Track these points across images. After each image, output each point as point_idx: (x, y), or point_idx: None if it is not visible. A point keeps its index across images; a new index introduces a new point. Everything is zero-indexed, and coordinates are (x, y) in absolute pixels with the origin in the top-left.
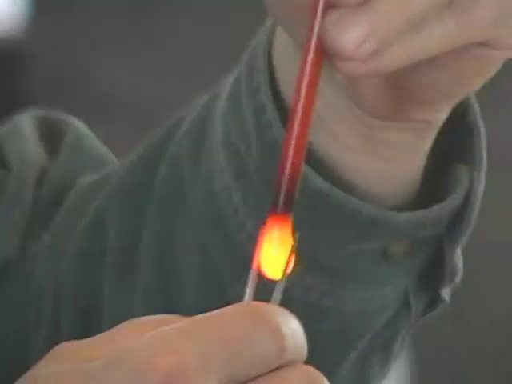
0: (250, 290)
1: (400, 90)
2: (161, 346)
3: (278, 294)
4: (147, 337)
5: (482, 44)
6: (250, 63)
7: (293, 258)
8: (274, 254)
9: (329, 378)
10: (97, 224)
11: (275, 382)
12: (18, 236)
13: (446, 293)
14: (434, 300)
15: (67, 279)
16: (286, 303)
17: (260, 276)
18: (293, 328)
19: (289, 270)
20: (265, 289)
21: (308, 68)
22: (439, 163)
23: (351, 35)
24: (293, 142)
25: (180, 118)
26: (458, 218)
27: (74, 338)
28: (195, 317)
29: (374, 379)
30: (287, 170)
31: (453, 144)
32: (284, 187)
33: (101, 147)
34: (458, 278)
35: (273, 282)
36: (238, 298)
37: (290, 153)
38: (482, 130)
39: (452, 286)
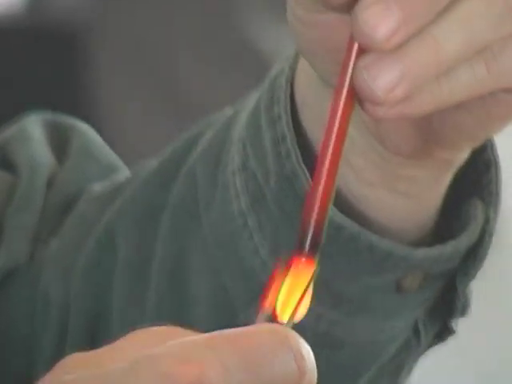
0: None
1: (424, 131)
2: (185, 356)
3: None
4: (170, 345)
5: (509, 90)
6: (271, 92)
7: (307, 300)
8: (290, 296)
9: None
10: (107, 236)
11: None
12: (27, 241)
13: (455, 324)
14: (443, 330)
15: (76, 292)
16: (296, 331)
17: (270, 317)
18: (310, 353)
19: (299, 313)
20: None
21: (339, 112)
22: (454, 197)
23: (383, 80)
24: (321, 185)
25: (197, 133)
26: (473, 253)
27: (81, 350)
28: (220, 331)
29: None
30: (314, 214)
31: (469, 179)
32: (310, 231)
33: (110, 154)
34: (469, 311)
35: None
36: (249, 324)
37: (318, 196)
38: (499, 167)
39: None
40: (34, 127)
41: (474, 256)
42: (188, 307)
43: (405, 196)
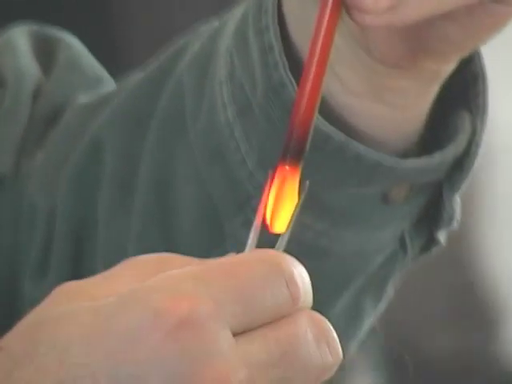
0: (252, 240)
1: (412, 40)
2: (175, 291)
3: (281, 246)
4: (160, 279)
5: (496, 0)
6: (259, 3)
7: (298, 209)
8: (281, 206)
9: (324, 313)
10: (94, 146)
11: (286, 328)
12: (13, 152)
13: (441, 235)
14: (430, 242)
15: (62, 201)
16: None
17: (263, 229)
18: (303, 277)
19: (292, 222)
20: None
21: (325, 19)
22: (441, 108)
23: None
24: (307, 93)
25: (184, 44)
26: (459, 164)
27: (66, 261)
28: (210, 261)
29: (366, 314)
30: (299, 121)
31: (456, 91)
32: (295, 138)
33: (96, 65)
34: (455, 223)
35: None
36: (235, 234)
37: (304, 104)
38: (486, 79)
39: (448, 229)
40: (19, 38)
41: (460, 167)
42: (174, 216)
43: (391, 106)
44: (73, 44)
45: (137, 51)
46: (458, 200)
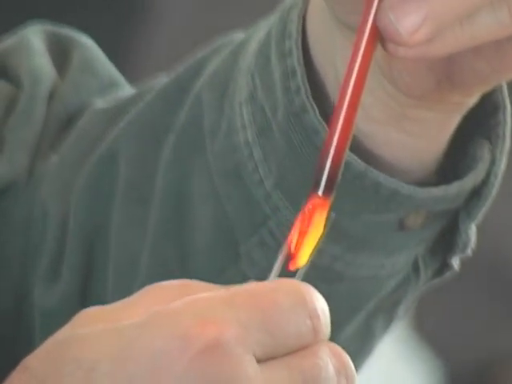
0: (277, 268)
1: (438, 73)
2: (203, 315)
3: (300, 275)
4: (187, 303)
5: None
6: (283, 25)
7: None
8: (308, 237)
9: (335, 336)
10: (109, 156)
11: (309, 359)
12: (28, 155)
13: (455, 261)
14: (443, 267)
15: (76, 210)
16: None
17: (287, 260)
18: (324, 310)
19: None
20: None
21: (362, 48)
22: (461, 137)
23: (409, 21)
24: (340, 122)
25: (204, 58)
26: (477, 193)
27: (77, 269)
28: (237, 288)
29: (377, 337)
30: (331, 155)
31: (476, 121)
32: (327, 172)
33: (111, 68)
34: (470, 250)
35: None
36: (249, 254)
37: (337, 134)
38: (509, 109)
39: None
40: (34, 38)
41: (478, 196)
42: (189, 233)
43: (412, 136)
44: (88, 45)
45: (154, 58)
46: (473, 228)
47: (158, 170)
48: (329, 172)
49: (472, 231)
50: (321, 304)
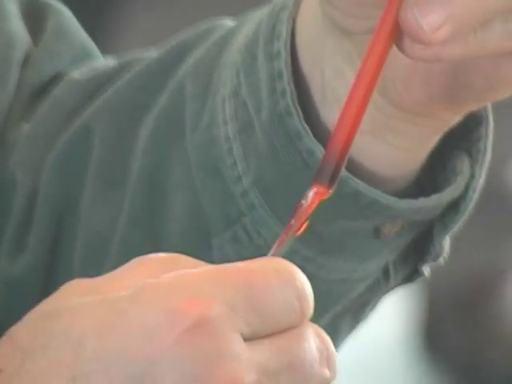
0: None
1: (433, 86)
2: (191, 292)
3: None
4: (176, 277)
5: None
6: (272, 25)
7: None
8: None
9: None
10: (84, 132)
11: (295, 339)
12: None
13: (425, 268)
14: (413, 273)
15: (47, 182)
16: None
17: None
18: (311, 291)
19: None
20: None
21: (379, 46)
22: (441, 148)
23: (433, 18)
24: (350, 119)
25: (189, 42)
26: (455, 207)
27: (44, 241)
28: (226, 265)
29: (341, 337)
30: (338, 148)
31: (458, 133)
32: (333, 163)
33: (85, 37)
34: (442, 260)
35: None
36: (222, 248)
37: (344, 130)
38: (491, 124)
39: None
40: (9, 2)
41: (455, 209)
42: (162, 220)
43: (393, 147)
44: (63, 12)
45: (138, 34)
46: (447, 239)
47: (133, 153)
48: (334, 163)
49: (446, 242)
50: (308, 285)
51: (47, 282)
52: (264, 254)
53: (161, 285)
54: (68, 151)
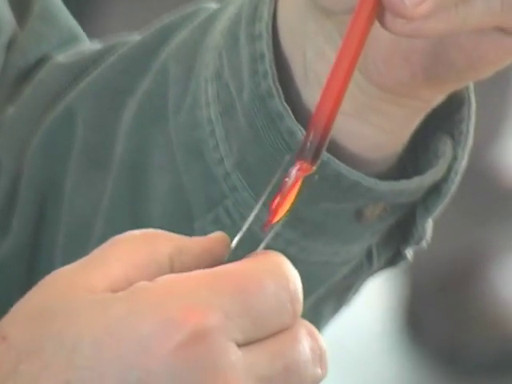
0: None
1: (414, 65)
2: (188, 300)
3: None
4: (172, 283)
5: (506, 31)
6: (254, 6)
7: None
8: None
9: None
10: (67, 115)
11: (290, 343)
12: None
13: (408, 252)
14: (396, 256)
15: (31, 165)
16: (251, 245)
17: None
18: (301, 289)
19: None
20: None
21: (360, 21)
22: (423, 131)
23: None
24: (332, 94)
25: (172, 25)
26: (437, 189)
27: (28, 224)
28: (221, 269)
29: (324, 320)
30: (321, 124)
31: (441, 115)
32: (316, 140)
33: (72, 20)
34: (425, 243)
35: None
36: (204, 230)
37: (327, 106)
38: (473, 105)
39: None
40: None
41: (437, 192)
42: (144, 202)
43: (375, 129)
44: None
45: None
46: (430, 222)
47: (117, 135)
48: (317, 139)
49: (429, 225)
50: (300, 284)
51: (31, 264)
52: (246, 237)
53: (157, 290)
54: (52, 134)
